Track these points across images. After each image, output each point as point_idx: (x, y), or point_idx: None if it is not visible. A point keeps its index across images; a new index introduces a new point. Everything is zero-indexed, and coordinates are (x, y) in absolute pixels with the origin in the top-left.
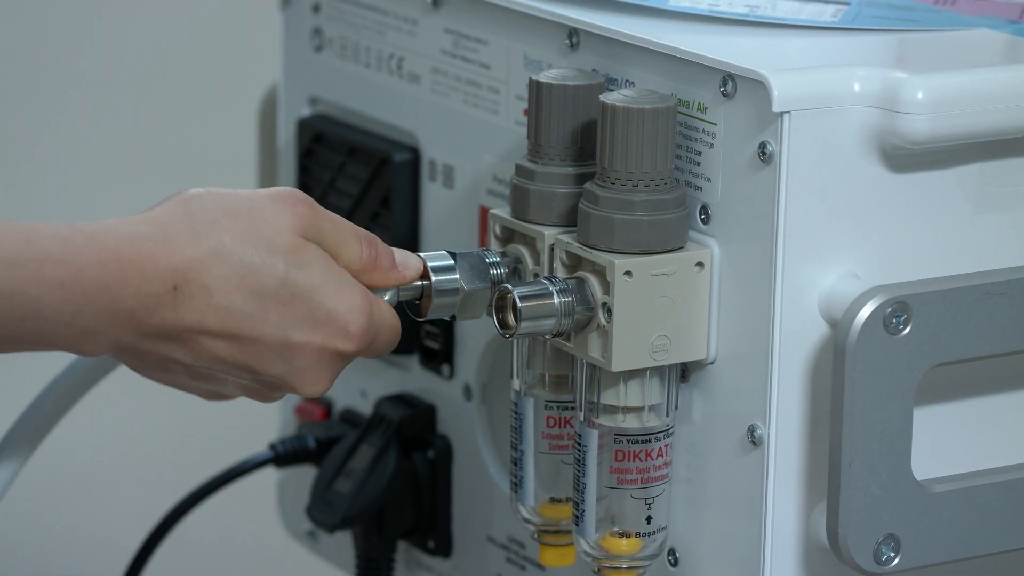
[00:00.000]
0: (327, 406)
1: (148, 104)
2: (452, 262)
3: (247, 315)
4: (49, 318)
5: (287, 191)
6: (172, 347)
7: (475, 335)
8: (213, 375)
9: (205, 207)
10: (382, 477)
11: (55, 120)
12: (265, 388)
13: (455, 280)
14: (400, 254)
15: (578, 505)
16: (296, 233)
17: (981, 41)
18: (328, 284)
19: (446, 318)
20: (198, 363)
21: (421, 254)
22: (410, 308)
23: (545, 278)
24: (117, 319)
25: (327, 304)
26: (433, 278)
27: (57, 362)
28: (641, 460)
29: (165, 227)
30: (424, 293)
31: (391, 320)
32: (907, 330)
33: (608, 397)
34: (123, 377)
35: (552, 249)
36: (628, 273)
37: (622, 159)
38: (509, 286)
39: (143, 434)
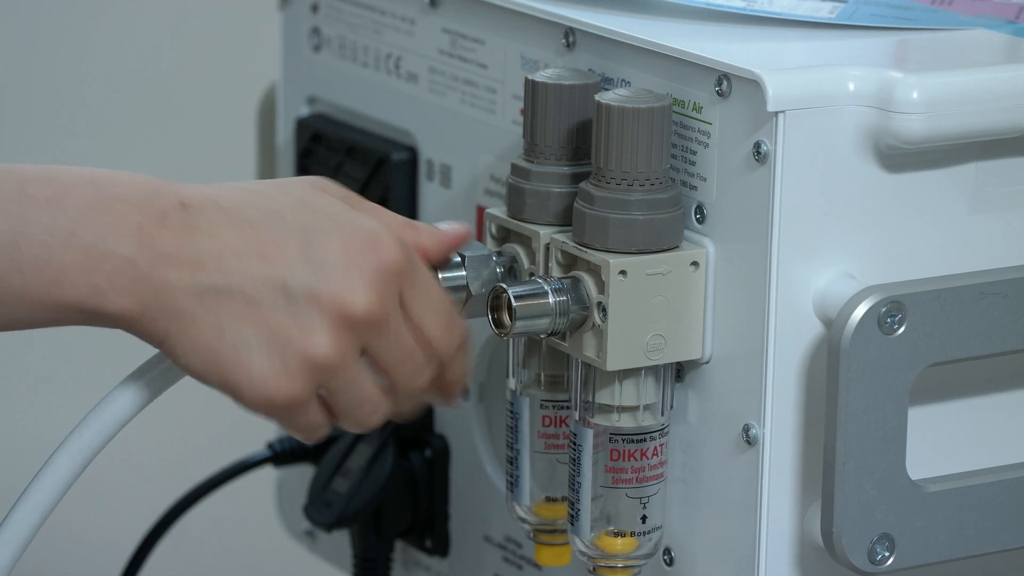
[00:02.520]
0: None
1: (147, 103)
2: (459, 260)
3: (262, 223)
4: (44, 239)
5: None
6: (199, 273)
7: (472, 335)
8: (254, 307)
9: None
10: (379, 476)
11: (54, 120)
12: (301, 310)
13: (461, 277)
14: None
15: (573, 504)
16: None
17: (978, 41)
18: (352, 213)
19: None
20: (232, 284)
21: None
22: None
23: (540, 277)
24: (122, 233)
25: (353, 217)
26: (440, 275)
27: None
28: (636, 459)
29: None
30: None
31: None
32: (902, 330)
33: (603, 396)
34: (122, 376)
35: (547, 248)
36: (623, 272)
37: (617, 158)
38: (504, 285)
39: (141, 433)
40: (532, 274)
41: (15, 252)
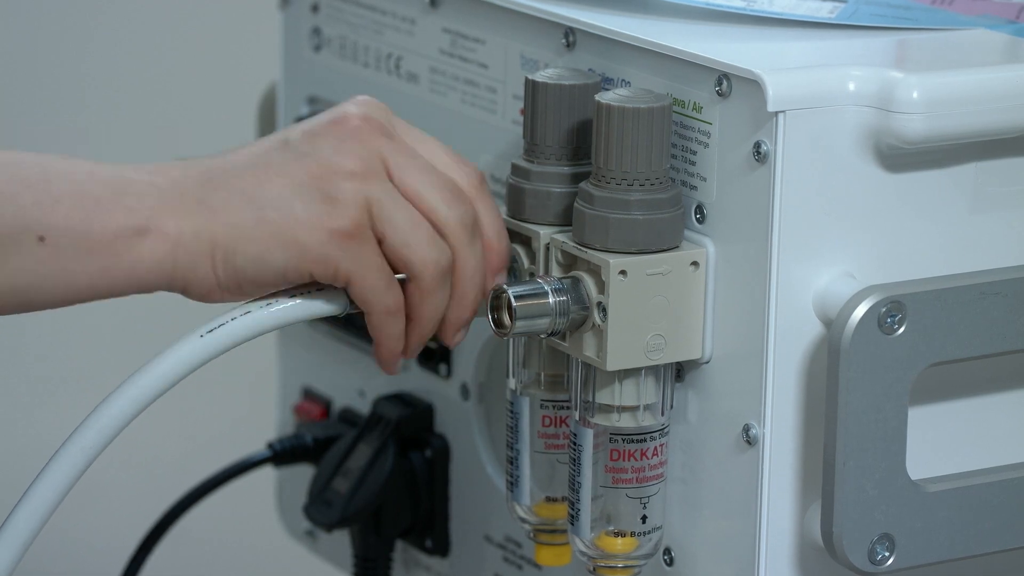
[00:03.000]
0: (325, 405)
1: (147, 103)
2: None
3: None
4: (68, 174)
5: None
6: (209, 167)
7: (472, 335)
8: (265, 168)
9: None
10: (380, 476)
11: (54, 120)
12: (307, 148)
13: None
14: None
15: (573, 504)
16: None
17: (978, 41)
18: None
19: None
20: (239, 163)
21: None
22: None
23: (540, 277)
24: (138, 170)
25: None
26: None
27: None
28: (636, 459)
29: None
30: None
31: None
32: (902, 330)
33: (603, 396)
34: (121, 376)
35: (547, 248)
36: (623, 272)
37: (617, 158)
38: (504, 285)
39: (141, 433)
40: (532, 274)
41: (49, 186)
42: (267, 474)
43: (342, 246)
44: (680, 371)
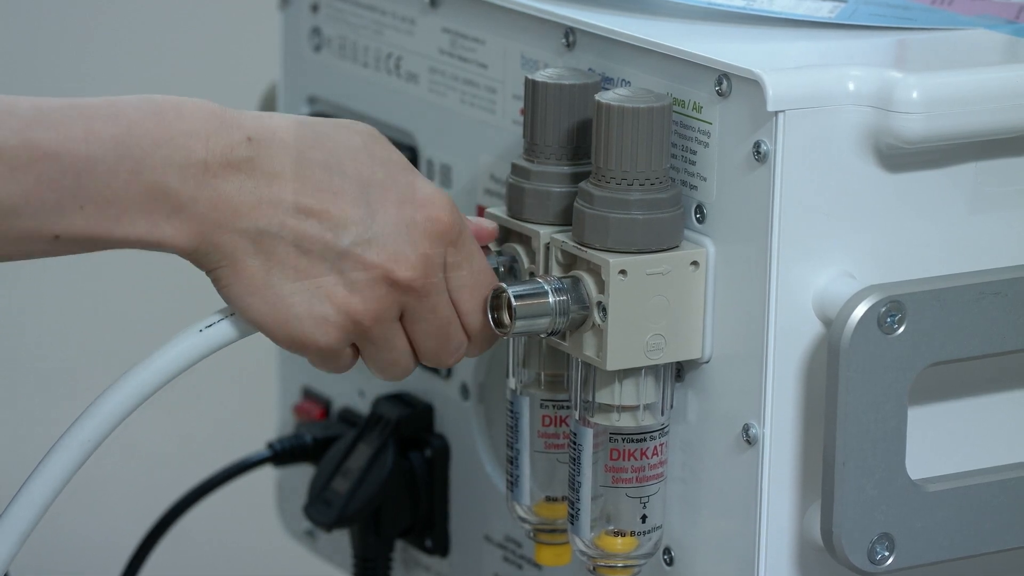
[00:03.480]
0: (325, 405)
1: None
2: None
3: (323, 166)
4: (107, 178)
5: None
6: (255, 217)
7: None
8: (303, 256)
9: None
10: (379, 476)
11: None
12: (347, 268)
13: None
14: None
15: (573, 504)
16: None
17: (977, 41)
18: (410, 167)
19: None
20: (285, 232)
21: None
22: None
23: (540, 277)
24: (187, 173)
25: (410, 177)
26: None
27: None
28: (636, 459)
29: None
30: None
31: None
32: (901, 329)
33: (603, 396)
34: (119, 370)
35: (547, 248)
36: (623, 272)
37: (617, 158)
38: (504, 285)
39: (141, 433)
40: (532, 274)
41: (78, 191)
42: (267, 474)
43: (305, 354)
44: (680, 371)
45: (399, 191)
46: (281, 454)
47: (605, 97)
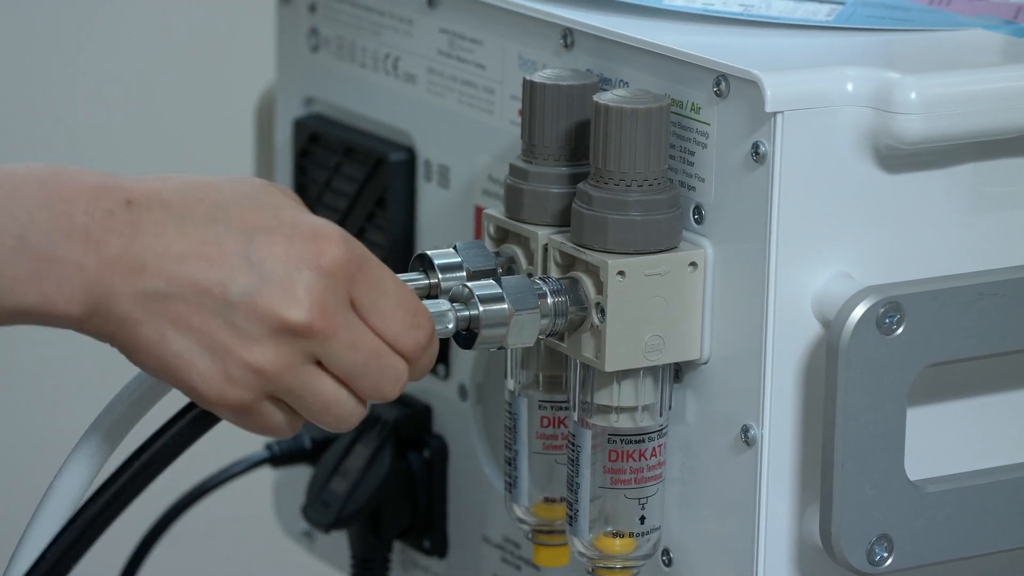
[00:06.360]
0: None
1: (144, 104)
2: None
3: (206, 220)
4: (8, 257)
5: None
6: (142, 278)
7: None
8: (195, 313)
9: None
10: (377, 477)
11: (51, 120)
12: (240, 320)
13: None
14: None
15: (572, 505)
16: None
17: (976, 41)
18: (301, 207)
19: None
20: (173, 290)
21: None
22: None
23: (539, 278)
24: (72, 239)
25: (297, 215)
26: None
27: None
28: (635, 460)
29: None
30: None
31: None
32: (900, 330)
33: (602, 397)
34: (120, 376)
35: (545, 249)
36: (621, 273)
37: (615, 159)
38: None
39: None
40: (530, 275)
41: None
42: (265, 475)
43: (225, 414)
44: (678, 372)
45: (285, 231)
46: (279, 455)
47: (603, 98)
